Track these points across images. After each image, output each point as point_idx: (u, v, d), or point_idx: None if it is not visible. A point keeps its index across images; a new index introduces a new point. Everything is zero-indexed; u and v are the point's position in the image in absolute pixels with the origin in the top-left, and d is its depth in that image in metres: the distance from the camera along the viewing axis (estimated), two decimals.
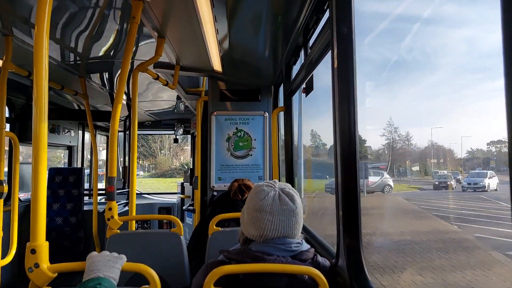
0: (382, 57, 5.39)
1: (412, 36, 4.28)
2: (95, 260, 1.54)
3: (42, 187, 1.69)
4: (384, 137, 4.68)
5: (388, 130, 4.58)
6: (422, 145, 4.49)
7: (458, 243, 8.61)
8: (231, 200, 3.18)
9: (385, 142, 4.63)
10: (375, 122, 4.99)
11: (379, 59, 5.38)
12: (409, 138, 4.65)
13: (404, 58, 4.48)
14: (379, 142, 4.85)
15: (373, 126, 5.39)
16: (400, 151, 4.66)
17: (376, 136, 4.70)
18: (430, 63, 4.20)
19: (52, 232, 5.48)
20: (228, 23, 2.91)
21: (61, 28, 3.04)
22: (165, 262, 2.89)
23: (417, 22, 3.94)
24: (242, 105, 4.63)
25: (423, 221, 10.56)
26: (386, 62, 5.33)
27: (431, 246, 8.52)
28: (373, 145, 5.80)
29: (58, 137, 6.25)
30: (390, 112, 5.49)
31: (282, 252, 1.62)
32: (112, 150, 3.09)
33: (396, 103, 5.22)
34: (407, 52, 4.55)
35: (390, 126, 4.51)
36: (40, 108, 1.69)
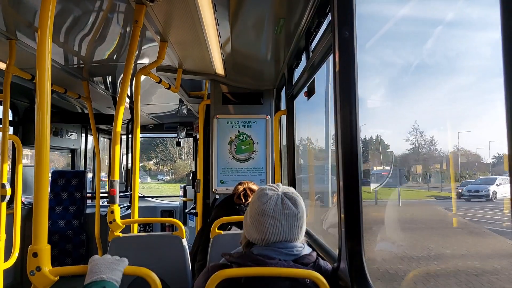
0: (404, 61, 5.39)
1: (434, 40, 4.32)
2: (98, 262, 1.54)
3: (44, 190, 1.69)
4: (409, 142, 4.65)
5: (413, 134, 4.56)
6: (447, 150, 4.40)
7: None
8: (234, 204, 3.17)
9: (410, 146, 4.61)
10: (399, 126, 4.99)
11: (402, 63, 5.39)
12: (434, 143, 4.58)
13: (426, 62, 4.52)
14: (404, 147, 4.82)
15: (394, 131, 5.38)
16: (425, 156, 4.56)
17: (401, 141, 4.70)
18: (453, 67, 4.22)
19: (54, 235, 5.49)
20: (231, 27, 2.92)
21: (65, 32, 3.06)
22: (167, 265, 2.89)
23: (439, 26, 3.98)
24: (244, 108, 4.63)
25: (481, 239, 8.26)
26: (409, 66, 5.35)
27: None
28: (397, 150, 5.69)
29: (61, 140, 6.27)
30: (413, 116, 5.44)
31: (284, 256, 1.62)
32: (115, 153, 3.10)
33: (418, 107, 5.19)
34: (429, 55, 4.58)
35: (415, 130, 4.49)
36: (43, 111, 1.70)
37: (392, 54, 5.22)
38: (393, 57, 5.25)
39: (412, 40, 4.61)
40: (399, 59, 4.85)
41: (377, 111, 6.42)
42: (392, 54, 5.22)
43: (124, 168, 7.82)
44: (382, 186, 8.98)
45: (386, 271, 5.60)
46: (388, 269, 6.62)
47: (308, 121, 5.24)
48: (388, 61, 5.18)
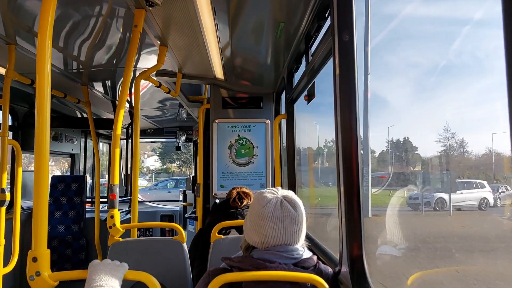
0: (430, 62, 5.32)
1: (461, 40, 4.27)
2: (97, 269, 1.53)
3: (44, 195, 1.69)
4: (440, 143, 4.53)
5: (444, 136, 4.44)
6: (479, 152, 4.26)
7: None
8: (230, 207, 3.17)
9: (441, 148, 4.48)
10: (426, 128, 4.87)
11: (427, 64, 5.31)
12: (464, 145, 4.40)
13: (453, 62, 4.48)
14: (435, 149, 4.70)
15: (422, 132, 5.17)
16: (456, 158, 4.38)
17: (431, 143, 4.58)
18: (481, 67, 4.15)
19: (54, 240, 5.47)
20: (230, 31, 2.92)
21: (64, 37, 3.06)
22: (167, 270, 2.88)
23: (467, 25, 3.95)
24: (244, 112, 4.63)
25: None
26: (435, 66, 5.26)
27: None
28: (424, 153, 5.44)
29: (61, 145, 6.27)
30: (440, 118, 5.28)
31: (284, 260, 1.61)
32: (114, 158, 3.09)
33: (445, 108, 5.10)
34: (457, 56, 4.54)
35: (447, 132, 4.37)
36: (42, 116, 1.69)
37: (417, 55, 5.14)
38: (418, 58, 5.19)
39: (438, 40, 4.56)
40: (424, 59, 4.81)
41: (401, 112, 6.22)
42: (417, 55, 5.14)
43: (124, 172, 7.81)
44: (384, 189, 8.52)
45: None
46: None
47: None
48: (413, 62, 5.11)
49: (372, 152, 7.43)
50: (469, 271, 3.25)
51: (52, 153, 6.21)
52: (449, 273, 3.55)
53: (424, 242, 4.35)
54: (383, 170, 7.47)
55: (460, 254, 3.64)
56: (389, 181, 6.92)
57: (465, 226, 4.19)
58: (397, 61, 3.60)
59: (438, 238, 4.16)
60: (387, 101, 4.19)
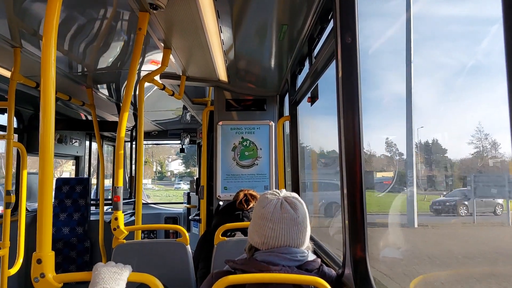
0: (457, 62, 5.25)
1: (490, 39, 4.19)
2: (101, 272, 1.54)
3: (49, 197, 1.70)
4: (473, 145, 4.33)
5: (476, 137, 4.27)
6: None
7: None
8: (236, 209, 3.17)
9: (473, 150, 4.29)
10: (456, 129, 4.75)
11: (455, 64, 5.24)
12: (497, 146, 4.23)
13: (481, 62, 4.39)
14: (467, 151, 4.53)
15: (452, 134, 4.99)
16: (491, 160, 4.19)
17: (463, 144, 4.42)
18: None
19: (59, 242, 5.50)
20: (234, 34, 2.93)
21: (69, 40, 3.08)
22: (171, 272, 2.89)
23: (496, 24, 3.89)
24: (247, 114, 4.64)
25: None
26: (462, 67, 5.18)
27: None
28: (455, 155, 5.18)
29: (66, 147, 6.30)
30: (469, 119, 5.12)
31: (287, 262, 1.61)
32: (118, 160, 3.11)
33: (474, 109, 4.98)
34: (485, 55, 4.45)
35: (480, 133, 4.22)
36: (47, 119, 1.71)
37: (443, 55, 5.04)
38: (444, 58, 5.09)
39: (466, 40, 4.49)
40: (451, 60, 4.73)
41: (428, 113, 6.01)
42: (443, 55, 5.04)
43: (128, 175, 7.84)
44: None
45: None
46: None
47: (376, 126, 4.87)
48: (439, 62, 4.99)
49: (399, 155, 6.91)
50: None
51: (57, 155, 6.24)
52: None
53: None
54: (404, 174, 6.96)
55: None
56: (418, 184, 5.93)
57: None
58: (423, 62, 3.56)
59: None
60: (413, 103, 4.13)
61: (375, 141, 7.31)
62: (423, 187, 5.92)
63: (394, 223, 5.94)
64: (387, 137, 7.28)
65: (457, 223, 5.00)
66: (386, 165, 7.70)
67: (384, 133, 6.38)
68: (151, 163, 47.55)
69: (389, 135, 6.13)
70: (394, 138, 7.00)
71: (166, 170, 43.99)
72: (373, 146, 7.79)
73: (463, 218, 4.87)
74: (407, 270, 4.57)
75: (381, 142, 7.33)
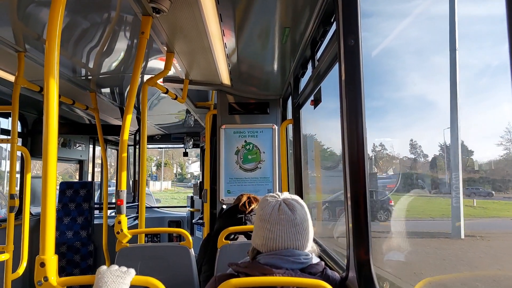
0: (481, 62, 5.18)
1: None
2: (104, 276, 1.54)
3: (52, 200, 1.70)
4: (503, 147, 4.19)
5: (506, 138, 4.15)
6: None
7: None
8: (239, 213, 3.16)
9: (503, 152, 4.14)
10: (481, 130, 4.65)
11: (478, 64, 5.17)
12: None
13: (506, 62, 4.33)
14: (496, 153, 4.41)
15: (478, 135, 4.83)
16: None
17: (491, 146, 4.31)
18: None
19: (62, 246, 5.50)
20: (236, 37, 2.94)
21: (72, 44, 3.10)
22: (174, 276, 2.88)
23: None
24: (250, 118, 4.64)
25: None
26: (486, 67, 5.09)
27: None
28: (482, 158, 4.95)
29: (69, 151, 6.33)
30: (495, 119, 5.02)
31: (291, 265, 1.61)
32: (122, 164, 3.11)
33: (500, 110, 4.90)
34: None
35: (510, 134, 4.08)
36: (51, 123, 1.71)
37: (466, 55, 4.92)
38: (468, 58, 4.98)
39: (489, 40, 4.40)
40: (475, 60, 4.63)
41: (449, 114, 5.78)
42: (466, 55, 4.92)
43: (132, 178, 7.85)
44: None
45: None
46: None
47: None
48: (462, 63, 4.85)
49: (424, 156, 6.55)
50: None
51: (61, 159, 6.26)
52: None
53: None
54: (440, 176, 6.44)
55: None
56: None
57: None
58: (443, 60, 3.52)
59: None
60: (435, 103, 4.06)
61: (397, 142, 7.09)
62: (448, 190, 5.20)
63: (430, 232, 5.11)
64: (411, 138, 7.01)
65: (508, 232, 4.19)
66: (409, 167, 7.39)
67: (404, 135, 6.19)
68: (171, 165, 47.60)
69: (411, 136, 5.92)
70: (418, 140, 6.75)
71: (186, 172, 43.99)
72: (396, 148, 7.51)
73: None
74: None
75: (403, 143, 7.08)
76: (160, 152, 43.85)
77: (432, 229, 5.21)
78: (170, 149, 9.77)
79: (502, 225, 4.34)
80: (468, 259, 3.99)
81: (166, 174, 46.04)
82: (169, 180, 45.23)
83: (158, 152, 44.96)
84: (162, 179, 43.44)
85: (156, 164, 46.54)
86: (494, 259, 3.67)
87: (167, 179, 45.11)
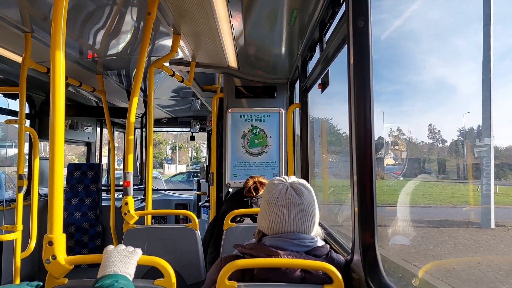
0: (504, 45, 5.05)
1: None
2: (111, 255, 1.55)
3: (59, 181, 1.72)
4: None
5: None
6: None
7: None
8: (245, 196, 3.18)
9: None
10: (503, 116, 4.44)
11: (501, 48, 5.01)
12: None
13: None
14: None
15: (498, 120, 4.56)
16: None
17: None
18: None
19: (71, 227, 5.58)
20: (244, 19, 2.90)
21: (79, 25, 3.08)
22: (180, 257, 2.92)
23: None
24: (257, 102, 4.62)
25: None
26: (509, 50, 4.94)
27: None
28: (503, 143, 4.70)
29: (77, 133, 6.36)
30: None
31: (296, 247, 1.61)
32: (128, 146, 3.12)
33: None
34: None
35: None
36: (57, 103, 1.72)
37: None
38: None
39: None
40: (497, 43, 4.48)
41: (472, 100, 5.56)
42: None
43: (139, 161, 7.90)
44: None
45: None
46: None
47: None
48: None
49: (443, 142, 6.25)
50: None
51: (68, 141, 6.30)
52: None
53: None
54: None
55: None
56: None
57: None
58: (466, 44, 3.41)
59: None
60: (456, 88, 3.93)
61: (414, 127, 6.87)
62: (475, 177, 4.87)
63: (456, 221, 4.76)
64: (430, 123, 6.71)
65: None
66: (426, 152, 7.16)
67: (422, 119, 5.98)
68: (186, 148, 47.75)
69: (431, 121, 5.71)
70: (436, 124, 6.49)
71: (201, 156, 44.21)
72: (414, 132, 7.30)
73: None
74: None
75: (422, 128, 6.81)
76: (175, 136, 43.96)
77: (458, 218, 4.94)
78: (185, 133, 9.88)
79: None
80: (500, 252, 3.74)
81: (181, 158, 46.23)
82: (184, 164, 45.44)
83: (173, 136, 45.10)
84: (177, 163, 43.69)
85: (171, 148, 46.72)
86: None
87: (182, 163, 45.32)
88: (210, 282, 1.67)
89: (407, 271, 2.31)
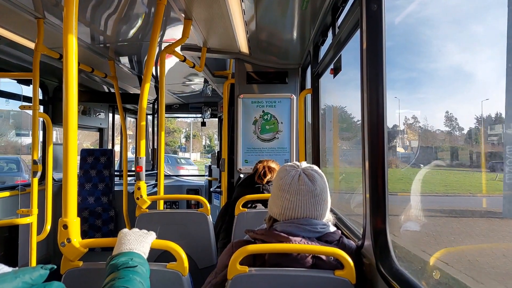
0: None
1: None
2: (127, 235, 1.56)
3: (73, 166, 1.74)
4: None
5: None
6: None
7: None
8: (256, 183, 3.19)
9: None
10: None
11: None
12: None
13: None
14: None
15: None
16: None
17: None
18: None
19: (84, 211, 5.68)
20: (255, 3, 2.87)
21: (91, 11, 3.08)
22: (192, 241, 2.95)
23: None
24: (269, 87, 4.59)
25: None
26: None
27: None
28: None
29: (90, 119, 6.42)
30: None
31: (307, 233, 1.62)
32: (140, 132, 3.14)
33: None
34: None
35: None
36: (70, 89, 1.73)
37: (503, 24, 4.39)
38: (504, 27, 4.48)
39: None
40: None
41: (491, 87, 5.28)
42: (503, 24, 4.39)
43: (151, 147, 7.96)
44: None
45: None
46: None
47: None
48: (504, 31, 4.27)
49: (459, 129, 6.05)
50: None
51: (81, 127, 6.37)
52: None
53: None
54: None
55: None
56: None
57: None
58: (483, 30, 3.32)
59: None
60: (473, 75, 3.82)
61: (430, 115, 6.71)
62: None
63: (477, 211, 4.67)
64: (446, 110, 6.51)
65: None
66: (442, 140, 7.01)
67: (438, 107, 5.82)
68: (200, 136, 47.96)
69: (447, 108, 5.58)
70: (453, 112, 6.27)
71: (215, 144, 44.44)
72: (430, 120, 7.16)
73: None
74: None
75: (438, 116, 6.69)
76: (189, 124, 44.05)
77: (477, 207, 4.76)
78: (198, 121, 9.90)
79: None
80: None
81: (195, 146, 46.41)
82: (198, 152, 45.65)
83: (187, 124, 45.19)
84: (191, 151, 43.93)
85: (185, 136, 46.88)
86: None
87: (196, 151, 45.52)
88: (221, 266, 1.69)
89: (427, 263, 2.27)
